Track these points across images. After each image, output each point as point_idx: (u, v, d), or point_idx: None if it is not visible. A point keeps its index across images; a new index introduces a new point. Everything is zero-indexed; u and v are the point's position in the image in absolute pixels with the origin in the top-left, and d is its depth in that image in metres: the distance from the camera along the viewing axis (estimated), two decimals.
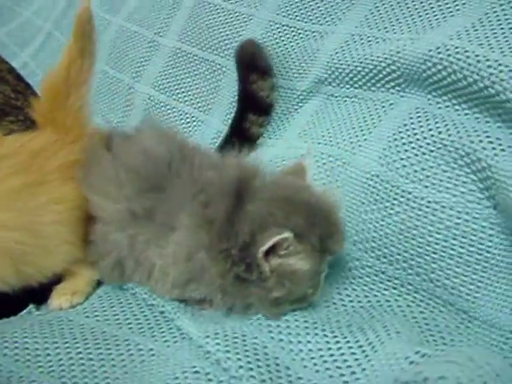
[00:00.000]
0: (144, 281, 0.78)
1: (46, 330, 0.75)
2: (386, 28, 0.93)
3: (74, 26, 0.84)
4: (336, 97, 0.96)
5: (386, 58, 0.87)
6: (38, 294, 0.84)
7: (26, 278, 0.80)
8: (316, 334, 0.68)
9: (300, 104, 1.01)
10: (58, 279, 0.85)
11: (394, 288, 0.77)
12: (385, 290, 0.78)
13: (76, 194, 0.83)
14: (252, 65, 1.02)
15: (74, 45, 0.85)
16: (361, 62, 0.91)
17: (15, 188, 0.77)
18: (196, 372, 0.65)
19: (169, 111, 1.18)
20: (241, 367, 0.63)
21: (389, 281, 0.78)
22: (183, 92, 1.18)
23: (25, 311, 0.84)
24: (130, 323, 0.75)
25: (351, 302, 0.78)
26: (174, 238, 0.73)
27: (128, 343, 0.71)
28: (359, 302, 0.78)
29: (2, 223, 0.76)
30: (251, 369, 0.63)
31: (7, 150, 0.79)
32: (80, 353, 0.71)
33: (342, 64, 0.94)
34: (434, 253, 0.74)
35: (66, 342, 0.72)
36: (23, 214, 0.78)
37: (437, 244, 0.74)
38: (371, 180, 0.80)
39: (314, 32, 1.04)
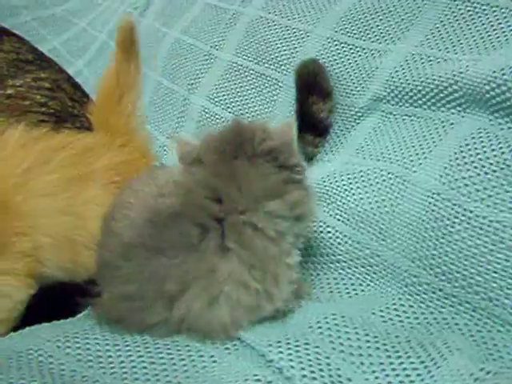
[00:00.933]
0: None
1: (106, 332, 0.77)
2: (447, 48, 0.94)
3: (117, 35, 0.88)
4: (395, 115, 0.97)
5: (448, 78, 0.88)
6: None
7: (75, 269, 0.85)
8: (377, 348, 0.69)
9: (357, 121, 1.02)
10: None
11: (452, 306, 0.77)
12: (442, 307, 0.78)
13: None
14: (314, 86, 1.04)
15: (119, 52, 0.89)
16: (421, 82, 0.92)
17: (68, 178, 0.82)
18: (258, 380, 0.66)
19: (224, 124, 1.20)
20: (304, 376, 0.65)
21: (446, 298, 0.78)
22: (238, 105, 1.20)
23: (82, 313, 0.85)
24: None
25: (408, 318, 0.79)
26: None
27: (189, 348, 0.73)
28: (416, 318, 0.78)
29: (58, 208, 0.80)
30: (315, 378, 0.64)
31: (59, 144, 0.83)
32: (141, 356, 0.73)
33: (401, 82, 0.96)
34: (495, 272, 0.74)
35: (128, 345, 0.73)
36: (74, 203, 0.83)
37: (497, 263, 0.75)
38: (432, 198, 0.81)
39: (372, 50, 1.05)
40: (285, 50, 1.17)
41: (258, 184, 0.72)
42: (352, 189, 0.91)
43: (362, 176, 0.91)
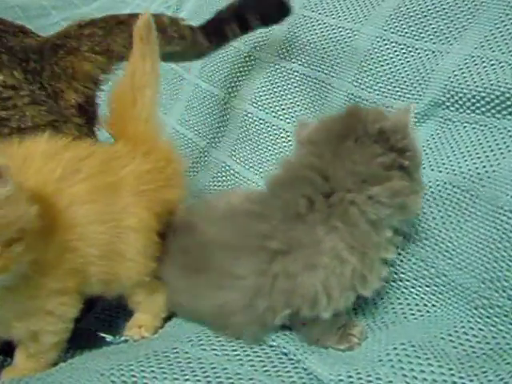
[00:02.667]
0: None
1: (163, 364, 0.74)
2: (510, 51, 0.90)
3: (133, 33, 0.86)
4: (454, 122, 0.93)
5: None
6: None
7: (114, 281, 0.82)
8: (454, 383, 0.66)
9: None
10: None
11: None
12: None
13: (149, 209, 0.83)
14: None
15: (135, 50, 0.86)
16: (485, 88, 0.89)
17: (100, 186, 0.79)
18: None
19: (268, 128, 1.18)
20: None
21: None
22: (283, 109, 1.17)
23: (121, 339, 0.86)
24: (251, 361, 0.74)
25: (479, 343, 0.76)
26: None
27: (253, 382, 0.70)
28: (487, 343, 0.76)
29: (99, 216, 0.78)
30: None
31: (85, 153, 0.80)
32: None
33: (462, 88, 0.92)
34: None
35: (187, 380, 0.71)
36: (112, 211, 0.80)
37: None
38: (504, 215, 0.78)
39: (426, 51, 1.02)
40: (331, 51, 1.14)
41: (361, 167, 0.74)
42: None
43: (426, 192, 0.87)
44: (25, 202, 0.69)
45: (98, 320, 0.93)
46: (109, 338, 0.87)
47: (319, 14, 1.19)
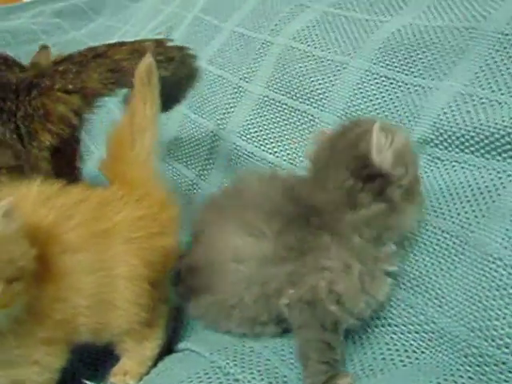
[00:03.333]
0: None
1: None
2: (500, 90, 0.89)
3: (135, 74, 0.85)
4: (443, 160, 0.92)
5: (505, 127, 0.84)
6: None
7: (103, 330, 0.81)
8: None
9: None
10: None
11: None
12: (505, 381, 0.74)
13: (141, 257, 0.82)
14: None
15: (136, 92, 0.85)
16: (474, 127, 0.88)
17: (94, 233, 0.79)
18: None
19: (257, 162, 1.16)
20: None
21: (510, 372, 0.73)
22: (272, 142, 1.16)
23: None
24: None
25: None
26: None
27: None
28: None
29: (90, 265, 0.77)
30: None
31: (77, 198, 0.79)
32: None
33: (451, 126, 0.91)
34: None
35: None
36: (103, 259, 0.79)
37: None
38: (493, 263, 0.77)
39: (416, 86, 1.01)
40: (320, 84, 1.13)
41: (334, 192, 0.79)
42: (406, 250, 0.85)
43: (414, 234, 0.86)
44: (26, 241, 0.70)
45: (84, 364, 0.92)
46: None
47: (308, 45, 1.18)
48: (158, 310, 0.86)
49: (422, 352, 0.81)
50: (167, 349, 0.90)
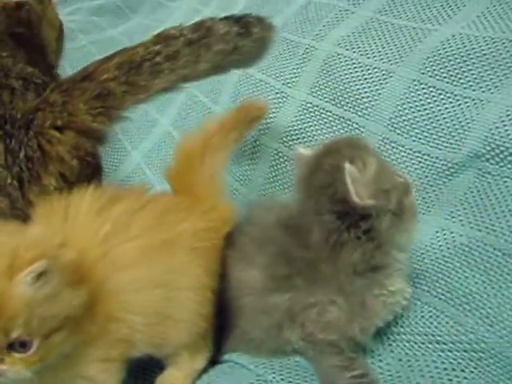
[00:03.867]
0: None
1: None
2: None
3: (242, 107, 0.91)
4: (494, 175, 0.91)
5: None
6: None
7: (163, 344, 0.81)
8: None
9: (450, 177, 0.97)
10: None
11: None
12: None
13: (204, 267, 0.83)
14: None
15: (228, 119, 0.85)
16: None
17: (155, 243, 0.77)
18: None
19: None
20: None
21: None
22: None
23: None
24: None
25: None
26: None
27: None
28: None
29: (146, 280, 0.76)
30: None
31: (137, 205, 0.78)
32: None
33: (504, 141, 0.90)
34: None
35: None
36: (162, 273, 0.78)
37: None
38: None
39: (466, 98, 1.00)
40: (366, 92, 1.12)
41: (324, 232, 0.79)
42: (455, 266, 0.86)
43: (464, 250, 0.85)
44: (67, 291, 0.67)
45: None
46: None
47: (353, 52, 1.17)
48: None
49: (471, 371, 0.81)
50: (210, 360, 0.90)
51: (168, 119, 1.50)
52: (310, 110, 1.20)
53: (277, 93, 1.25)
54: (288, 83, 1.25)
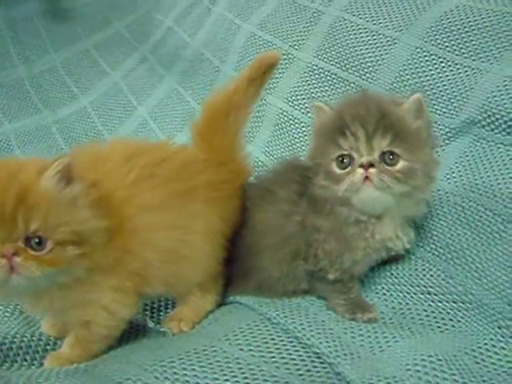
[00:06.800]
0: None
1: (203, 362, 0.80)
2: None
3: (255, 60, 0.94)
4: (488, 141, 0.98)
5: None
6: None
7: (176, 283, 0.90)
8: None
9: (447, 141, 1.04)
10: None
11: None
12: None
13: (219, 214, 0.91)
14: None
15: (248, 74, 0.92)
16: None
17: (174, 192, 0.86)
18: None
19: (303, 129, 1.22)
20: None
21: None
22: None
23: (162, 329, 0.94)
24: (286, 363, 0.80)
25: (500, 360, 0.82)
26: None
27: None
28: (509, 361, 0.82)
29: (165, 222, 0.84)
30: None
31: (161, 158, 0.87)
32: None
33: (499, 109, 0.97)
34: None
35: (227, 380, 0.76)
36: (180, 217, 0.86)
37: None
38: None
39: (465, 67, 1.06)
40: (370, 57, 1.19)
41: None
42: (449, 223, 0.93)
43: (457, 210, 0.93)
44: (89, 210, 0.75)
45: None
46: (151, 324, 0.95)
47: (360, 18, 1.23)
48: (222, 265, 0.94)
49: (458, 321, 0.88)
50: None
51: (174, 76, 1.55)
52: (316, 71, 1.26)
53: (283, 54, 1.31)
54: (295, 45, 1.31)
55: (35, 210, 0.72)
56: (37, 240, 0.73)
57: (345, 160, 0.85)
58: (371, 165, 0.83)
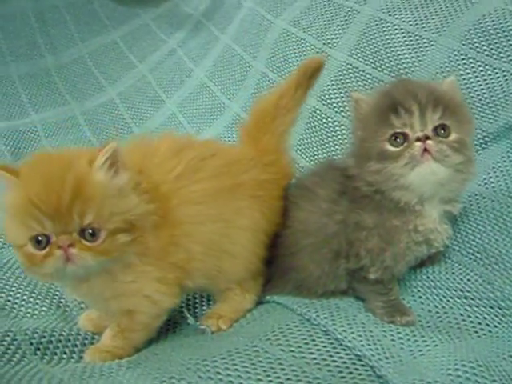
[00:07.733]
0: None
1: (246, 363, 0.81)
2: None
3: (301, 65, 0.97)
4: None
5: None
6: None
7: (217, 277, 0.91)
8: None
9: (484, 146, 1.05)
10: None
11: None
12: None
13: (262, 212, 0.93)
14: None
15: (296, 78, 0.94)
16: None
17: (220, 187, 0.88)
18: None
19: (336, 128, 1.23)
20: None
21: None
22: None
23: (200, 327, 0.95)
24: (328, 365, 0.81)
25: None
26: None
27: None
28: None
29: (209, 216, 0.87)
30: None
31: (208, 153, 0.89)
32: None
33: None
34: None
35: (270, 382, 0.77)
36: (224, 212, 0.88)
37: None
38: None
39: (504, 71, 1.07)
40: (406, 58, 1.19)
41: None
42: (487, 229, 0.95)
43: (496, 215, 0.94)
44: (137, 196, 0.78)
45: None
46: (191, 320, 0.97)
47: (396, 18, 1.23)
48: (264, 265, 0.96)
49: (495, 326, 0.89)
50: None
51: (203, 70, 1.56)
52: (350, 70, 1.27)
53: (317, 52, 1.32)
54: (329, 43, 1.32)
55: (90, 203, 0.74)
56: (90, 231, 0.75)
57: (398, 138, 0.85)
58: (427, 137, 0.83)
